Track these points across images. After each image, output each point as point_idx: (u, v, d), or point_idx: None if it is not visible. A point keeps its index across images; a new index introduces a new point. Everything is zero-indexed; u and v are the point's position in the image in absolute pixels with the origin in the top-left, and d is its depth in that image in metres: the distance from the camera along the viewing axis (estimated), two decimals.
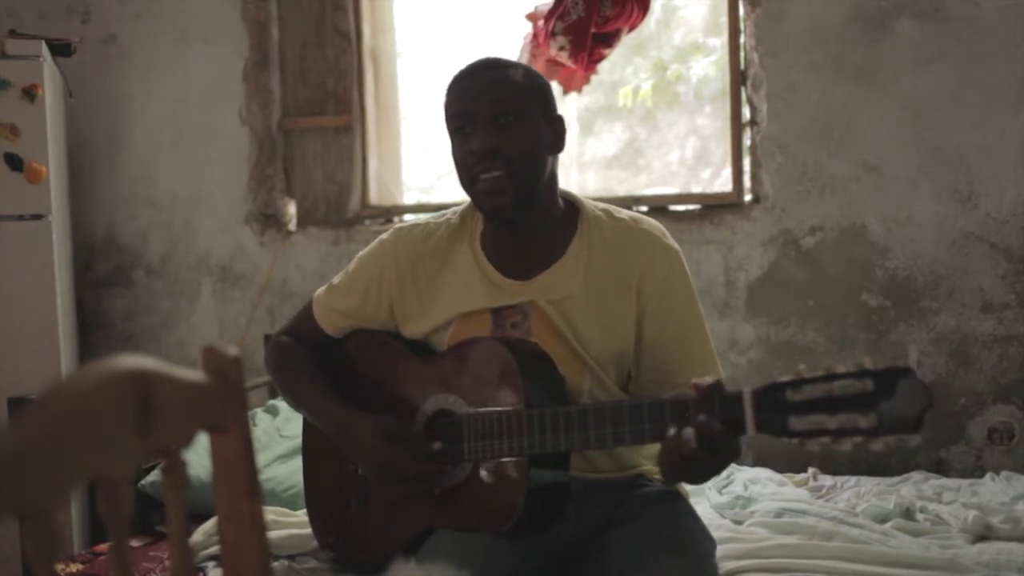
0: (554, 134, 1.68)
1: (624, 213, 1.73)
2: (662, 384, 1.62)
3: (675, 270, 1.68)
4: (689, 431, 1.28)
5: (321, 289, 1.86)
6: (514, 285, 1.67)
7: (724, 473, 2.51)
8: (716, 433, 1.26)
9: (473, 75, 1.67)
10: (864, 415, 1.14)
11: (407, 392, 1.68)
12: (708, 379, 1.31)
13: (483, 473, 1.56)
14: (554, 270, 1.66)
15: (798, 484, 2.52)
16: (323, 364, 1.80)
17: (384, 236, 1.81)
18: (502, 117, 1.61)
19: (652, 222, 1.72)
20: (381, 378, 1.74)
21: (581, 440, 1.45)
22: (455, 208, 1.80)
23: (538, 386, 1.55)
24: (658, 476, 1.74)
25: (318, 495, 1.84)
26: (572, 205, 1.73)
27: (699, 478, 1.44)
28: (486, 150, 1.60)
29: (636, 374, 1.68)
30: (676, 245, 1.71)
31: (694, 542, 1.60)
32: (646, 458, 1.73)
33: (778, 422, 1.21)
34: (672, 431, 1.31)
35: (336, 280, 1.83)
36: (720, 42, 3.26)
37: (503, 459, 1.53)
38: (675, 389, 1.57)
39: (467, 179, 1.65)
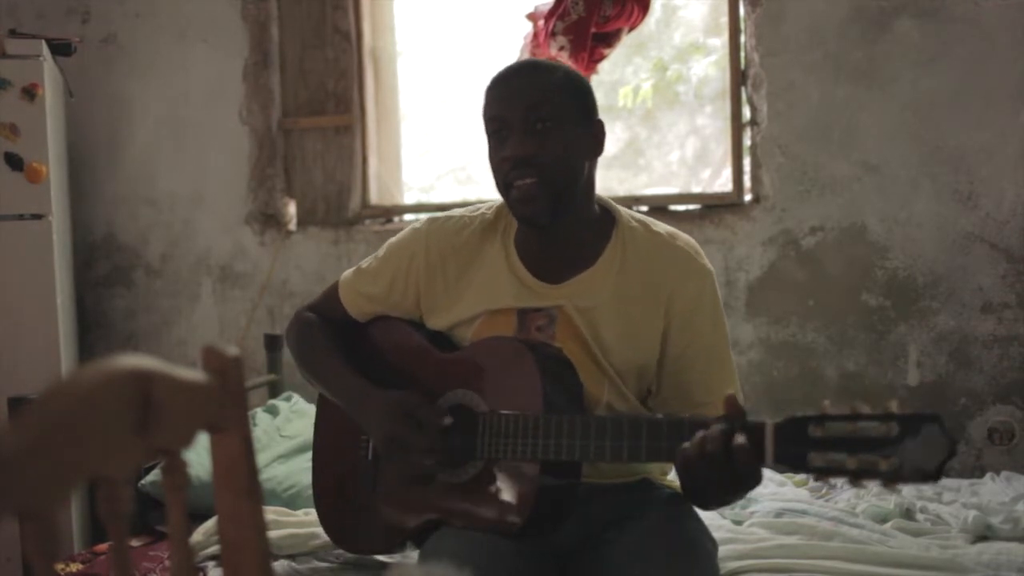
0: (593, 138, 1.66)
1: (661, 227, 1.71)
2: (682, 402, 1.62)
3: (706, 290, 1.67)
4: (712, 442, 1.27)
5: (349, 271, 1.84)
6: (543, 288, 1.66)
7: None
8: (743, 451, 1.24)
9: (510, 78, 1.64)
10: (885, 458, 1.13)
11: (426, 384, 1.67)
12: (737, 398, 1.30)
13: (494, 471, 1.55)
14: (584, 277, 1.65)
15: (798, 484, 2.52)
16: (345, 342, 1.79)
17: (417, 225, 1.79)
18: (538, 123, 1.59)
19: (688, 239, 1.71)
20: (401, 367, 1.73)
21: (596, 450, 1.44)
22: (490, 203, 1.78)
23: (558, 392, 1.54)
24: (662, 480, 1.74)
25: (327, 482, 1.84)
26: (608, 212, 1.71)
27: (714, 491, 1.40)
28: (520, 157, 1.58)
29: (656, 389, 1.67)
30: (710, 265, 1.69)
31: (696, 544, 1.59)
32: (653, 465, 1.73)
33: (797, 456, 1.20)
34: (689, 444, 1.30)
35: (365, 264, 1.82)
36: (720, 42, 3.26)
37: (517, 460, 1.52)
38: (694, 407, 1.57)
39: (501, 184, 1.63)
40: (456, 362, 1.66)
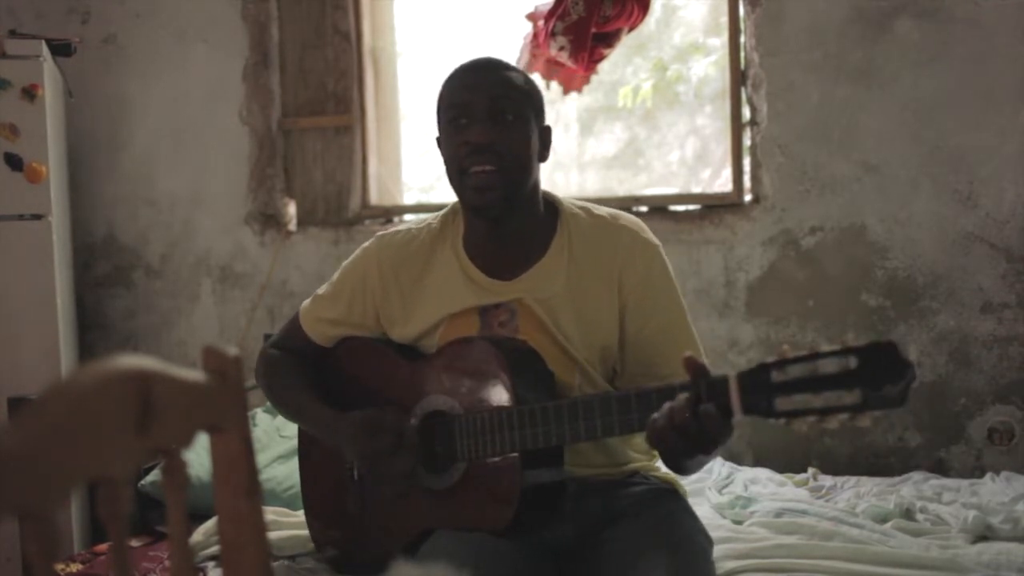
0: (542, 142, 1.70)
1: (603, 210, 1.74)
2: (647, 377, 1.63)
3: (655, 264, 1.69)
4: (679, 413, 1.29)
5: (307, 300, 1.87)
6: (498, 285, 1.68)
7: (724, 473, 2.51)
8: (710, 417, 1.27)
9: (476, 70, 1.69)
10: (849, 391, 1.15)
11: (399, 395, 1.69)
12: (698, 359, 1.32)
13: (477, 471, 1.56)
14: (537, 268, 1.68)
15: (798, 484, 2.52)
16: (312, 372, 1.81)
17: (367, 244, 1.83)
18: (501, 114, 1.62)
19: (631, 218, 1.74)
20: (372, 383, 1.75)
21: (571, 432, 1.46)
22: (436, 213, 1.81)
23: (528, 383, 1.56)
24: (654, 474, 1.75)
25: (316, 500, 1.85)
26: (551, 204, 1.74)
27: (690, 457, 1.45)
28: (481, 144, 1.61)
29: (621, 369, 1.69)
30: (655, 240, 1.72)
31: (690, 541, 1.60)
32: (640, 453, 1.74)
33: (764, 403, 1.22)
34: (658, 415, 1.32)
35: (322, 290, 1.85)
36: (720, 42, 3.26)
37: (497, 456, 1.53)
38: (660, 381, 1.58)
39: (456, 171, 1.65)
40: (426, 370, 1.67)
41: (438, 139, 1.72)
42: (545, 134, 1.71)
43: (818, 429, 1.19)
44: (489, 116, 1.62)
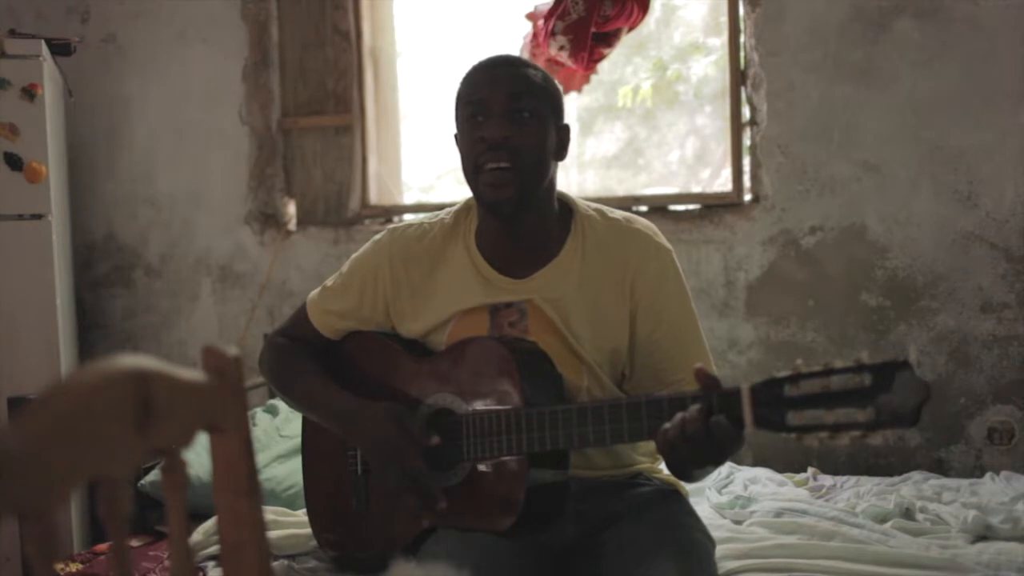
0: (559, 141, 1.70)
1: (617, 213, 1.74)
2: (656, 382, 1.63)
3: (667, 269, 1.69)
4: (691, 423, 1.29)
5: (315, 291, 1.85)
6: (510, 283, 1.68)
7: (724, 473, 2.52)
8: (721, 428, 1.27)
9: (495, 67, 1.68)
10: (861, 409, 1.15)
11: (406, 392, 1.68)
12: (709, 370, 1.32)
13: (483, 471, 1.56)
14: (549, 269, 1.67)
15: (798, 484, 2.52)
16: (321, 362, 1.80)
17: (378, 236, 1.82)
18: (518, 112, 1.62)
19: (644, 222, 1.73)
20: (379, 378, 1.74)
21: (580, 437, 1.46)
22: (448, 209, 1.80)
23: (537, 385, 1.56)
24: (657, 475, 1.75)
25: (318, 497, 1.84)
26: (566, 205, 1.74)
27: (698, 467, 1.45)
28: (497, 140, 1.60)
29: (630, 372, 1.69)
30: (668, 244, 1.72)
31: (692, 542, 1.60)
32: (643, 455, 1.74)
33: (776, 417, 1.22)
34: (670, 425, 1.32)
35: (330, 282, 1.83)
36: (720, 42, 3.26)
37: (502, 458, 1.53)
38: (669, 387, 1.58)
39: (472, 168, 1.65)
40: (434, 367, 1.67)
41: (456, 136, 1.71)
42: (563, 133, 1.70)
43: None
44: (506, 113, 1.62)
